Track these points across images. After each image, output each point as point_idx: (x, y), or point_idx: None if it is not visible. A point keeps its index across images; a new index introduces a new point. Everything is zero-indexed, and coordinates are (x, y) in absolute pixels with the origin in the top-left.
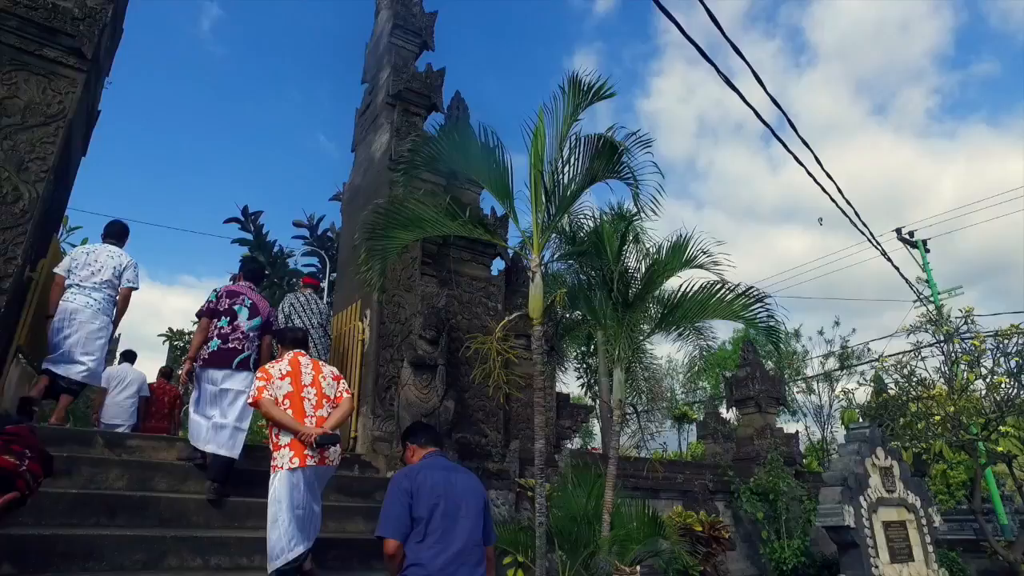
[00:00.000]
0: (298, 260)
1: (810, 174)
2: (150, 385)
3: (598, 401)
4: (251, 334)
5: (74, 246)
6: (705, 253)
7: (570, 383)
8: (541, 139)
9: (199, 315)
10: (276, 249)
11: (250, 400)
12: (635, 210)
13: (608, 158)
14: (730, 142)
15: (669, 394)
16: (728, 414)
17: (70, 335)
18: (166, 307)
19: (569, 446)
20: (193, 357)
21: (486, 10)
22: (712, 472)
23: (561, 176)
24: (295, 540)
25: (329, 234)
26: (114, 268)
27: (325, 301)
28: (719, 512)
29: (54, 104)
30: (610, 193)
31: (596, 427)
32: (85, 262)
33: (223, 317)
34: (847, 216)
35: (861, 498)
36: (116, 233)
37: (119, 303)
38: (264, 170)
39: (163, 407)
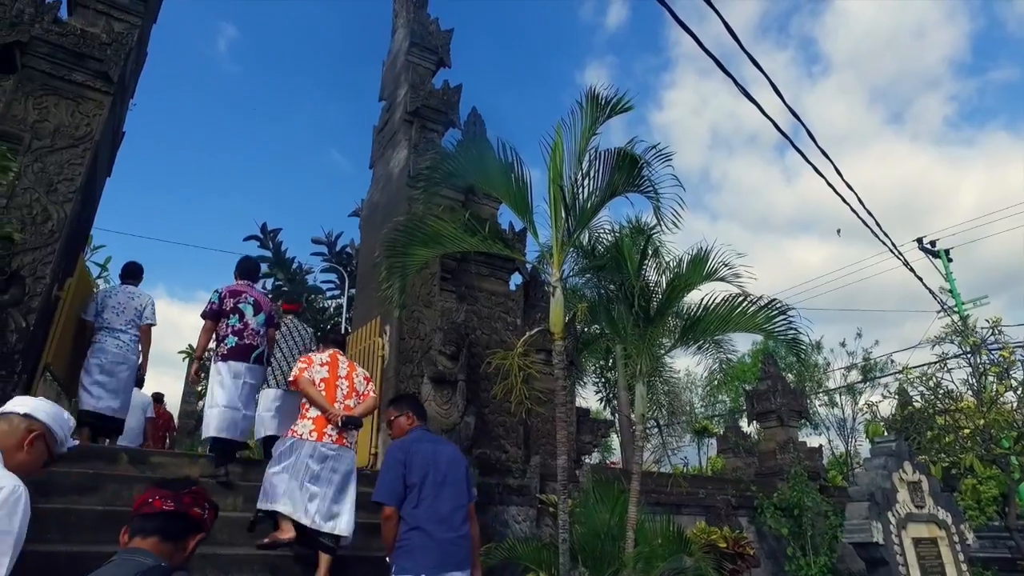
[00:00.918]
0: (317, 277)
1: (830, 184)
2: None
3: (617, 415)
4: (260, 330)
5: (99, 264)
6: (726, 266)
7: (589, 397)
8: (559, 154)
9: (204, 316)
10: (295, 266)
11: (291, 378)
12: (655, 223)
13: (628, 172)
14: (744, 153)
15: (688, 408)
16: (749, 428)
17: (102, 377)
18: (184, 324)
19: (588, 461)
20: (201, 356)
21: (498, 25)
22: (734, 487)
23: (580, 190)
24: (286, 501)
25: (347, 250)
26: (136, 308)
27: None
28: (743, 528)
29: (82, 127)
30: (627, 207)
31: (615, 441)
32: (110, 304)
33: (232, 316)
34: (867, 226)
35: (889, 514)
36: (133, 273)
37: (143, 340)
38: (279, 187)
39: (159, 429)
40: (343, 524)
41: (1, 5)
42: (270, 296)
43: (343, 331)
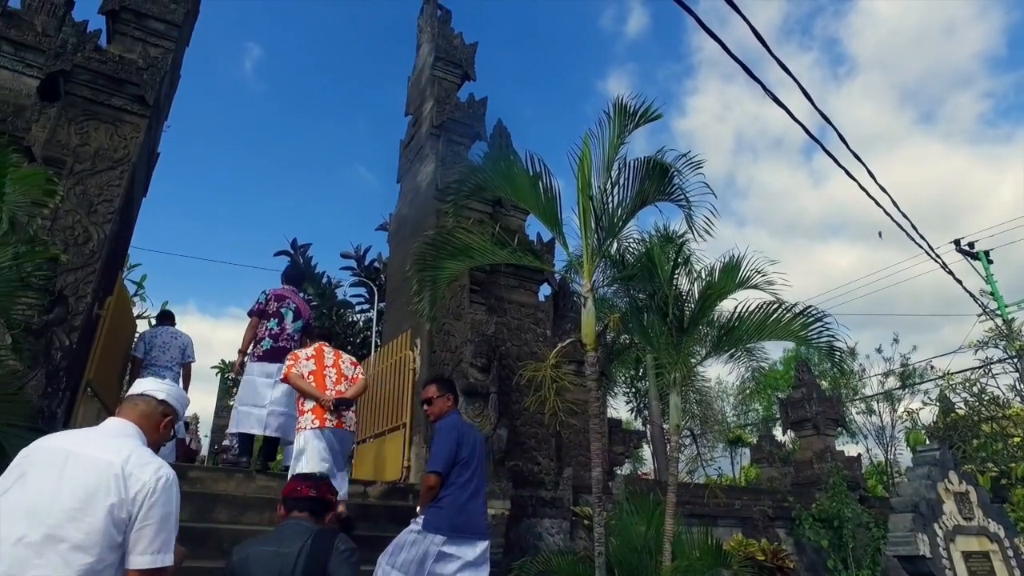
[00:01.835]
0: (346, 291)
1: (862, 188)
2: None
3: (648, 426)
4: (295, 335)
5: (135, 283)
6: (759, 273)
7: (619, 408)
8: (587, 164)
9: (250, 314)
10: (325, 280)
11: (280, 377)
12: (683, 232)
13: (659, 181)
14: (769, 158)
15: (720, 417)
16: (783, 437)
17: None
18: (216, 339)
19: (620, 472)
20: (245, 351)
21: (518, 36)
22: (770, 498)
23: (609, 200)
24: None
25: (376, 264)
26: (179, 347)
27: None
28: (780, 540)
29: (120, 149)
30: (653, 215)
31: (646, 452)
32: (157, 344)
33: (272, 319)
34: (902, 229)
35: (936, 526)
36: (170, 316)
37: (184, 376)
38: (306, 202)
39: (188, 452)
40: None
41: (47, 37)
42: (314, 304)
43: (373, 343)
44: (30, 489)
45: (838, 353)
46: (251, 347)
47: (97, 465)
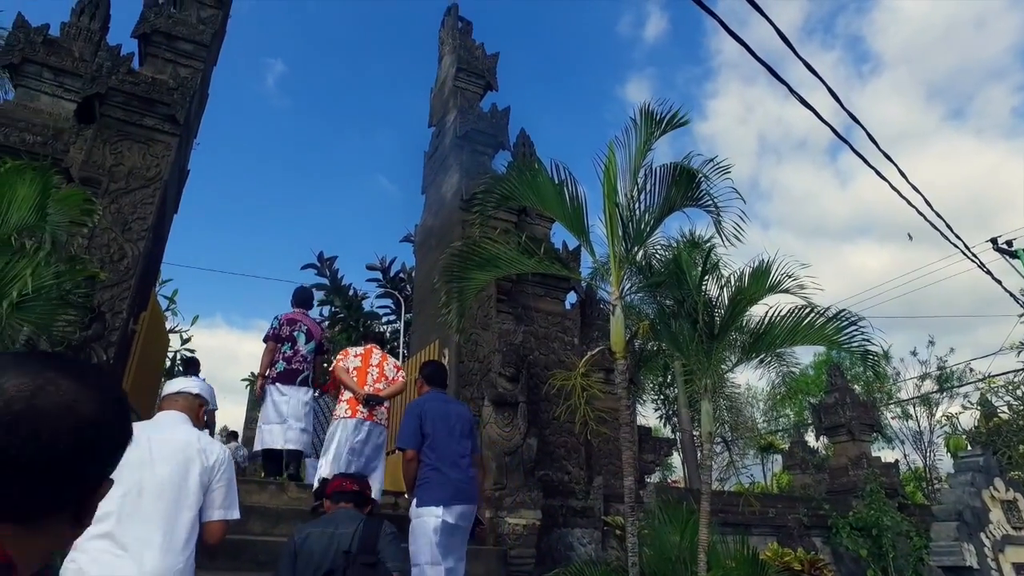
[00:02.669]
0: (372, 302)
1: (893, 188)
2: None
3: (678, 433)
4: (308, 356)
5: (166, 297)
6: (789, 277)
7: (648, 415)
8: (613, 171)
9: (266, 340)
10: (351, 292)
11: (331, 368)
12: (712, 237)
13: (686, 186)
14: (793, 159)
15: (751, 423)
16: (816, 443)
17: None
18: (242, 351)
19: (651, 481)
20: (263, 375)
21: (535, 45)
22: (805, 505)
23: (636, 207)
24: (335, 470)
25: (401, 275)
26: None
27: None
28: (817, 549)
29: (152, 168)
30: (679, 221)
31: (675, 459)
32: None
33: (286, 342)
34: (936, 228)
35: (983, 535)
36: (196, 364)
37: (208, 423)
38: (330, 214)
39: None
40: (374, 491)
41: (84, 61)
42: (326, 323)
43: (401, 354)
44: (127, 468)
45: (873, 357)
46: (267, 371)
47: (180, 444)
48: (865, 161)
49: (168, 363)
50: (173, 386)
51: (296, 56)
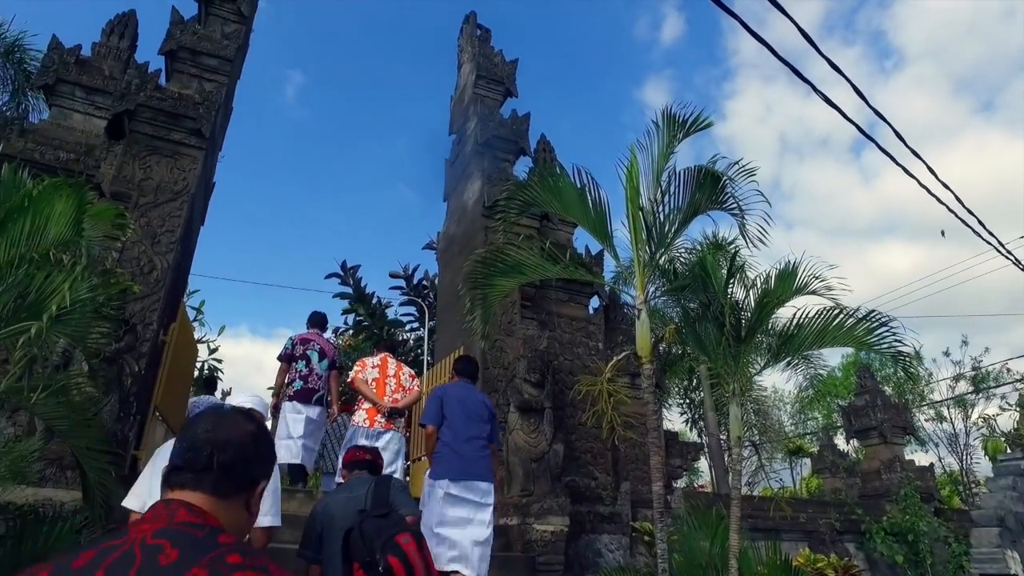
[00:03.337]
0: (396, 310)
1: (922, 185)
2: None
3: (705, 437)
4: (323, 374)
5: (194, 308)
6: (817, 278)
7: (674, 419)
8: (635, 175)
9: (280, 359)
10: (375, 301)
11: (349, 379)
12: (736, 239)
13: (710, 189)
14: (816, 158)
15: (778, 427)
16: (847, 446)
17: None
18: (267, 360)
19: (678, 486)
20: (278, 393)
21: (552, 50)
22: (837, 510)
23: (659, 210)
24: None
25: (424, 283)
26: None
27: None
28: (850, 555)
29: (179, 181)
30: (702, 224)
31: (702, 464)
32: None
33: (300, 361)
34: (968, 225)
35: None
36: (214, 384)
37: None
38: (351, 223)
39: None
40: None
41: (113, 80)
42: (350, 331)
43: (425, 362)
44: None
45: (905, 358)
46: (284, 388)
47: None
48: (892, 159)
49: (197, 373)
50: (233, 401)
51: (314, 67)
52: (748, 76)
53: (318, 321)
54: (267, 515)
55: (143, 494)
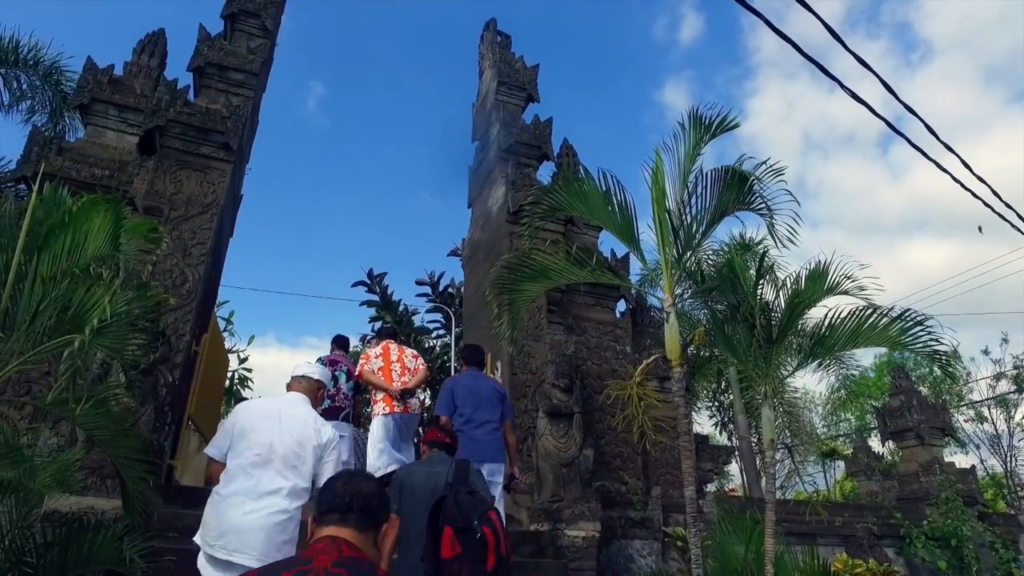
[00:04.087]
0: (423, 317)
1: (955, 179)
2: None
3: (736, 440)
4: (349, 394)
5: (224, 319)
6: (848, 278)
7: (703, 422)
8: (661, 177)
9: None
10: (401, 308)
11: (356, 374)
12: (764, 239)
13: (738, 190)
14: (841, 154)
15: (810, 429)
16: (882, 448)
17: None
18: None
19: (710, 490)
20: None
21: (570, 54)
22: (874, 514)
23: (686, 212)
24: (387, 461)
25: (450, 290)
26: None
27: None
28: (890, 560)
29: (209, 194)
30: (727, 225)
31: (732, 467)
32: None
33: (329, 382)
34: (1005, 220)
35: None
36: (346, 341)
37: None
38: (376, 231)
39: None
40: None
41: (144, 97)
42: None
43: (452, 368)
44: (263, 433)
45: (943, 357)
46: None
47: (301, 420)
48: (924, 154)
49: (228, 383)
50: (299, 370)
51: (334, 77)
52: (769, 74)
53: (342, 343)
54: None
55: (222, 446)
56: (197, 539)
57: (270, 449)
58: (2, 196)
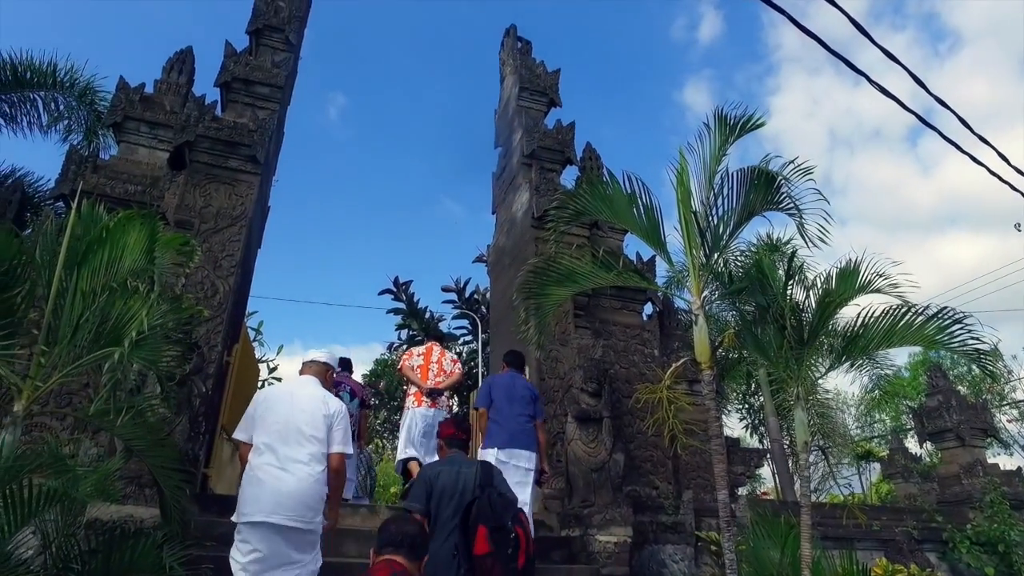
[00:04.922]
0: (449, 324)
1: (992, 172)
2: None
3: (768, 443)
4: (354, 412)
5: (254, 329)
6: (881, 276)
7: (733, 425)
8: (686, 178)
9: None
10: (427, 315)
11: (398, 367)
12: (792, 239)
13: (765, 190)
14: (868, 150)
15: (843, 430)
16: (919, 449)
17: None
18: None
19: (742, 493)
20: None
21: (589, 55)
22: (914, 517)
23: (713, 213)
24: (409, 449)
25: (476, 296)
26: None
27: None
28: (932, 566)
29: (237, 207)
30: (755, 225)
31: (764, 470)
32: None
33: None
34: None
35: None
36: (350, 364)
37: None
38: (401, 239)
39: None
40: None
41: (174, 113)
42: (404, 347)
43: (480, 374)
44: (280, 412)
45: (984, 356)
46: None
47: (311, 396)
48: (957, 147)
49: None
50: (309, 355)
51: (355, 88)
52: (791, 70)
53: (345, 364)
54: (338, 444)
55: (248, 429)
56: (234, 518)
57: (286, 424)
58: (43, 214)
